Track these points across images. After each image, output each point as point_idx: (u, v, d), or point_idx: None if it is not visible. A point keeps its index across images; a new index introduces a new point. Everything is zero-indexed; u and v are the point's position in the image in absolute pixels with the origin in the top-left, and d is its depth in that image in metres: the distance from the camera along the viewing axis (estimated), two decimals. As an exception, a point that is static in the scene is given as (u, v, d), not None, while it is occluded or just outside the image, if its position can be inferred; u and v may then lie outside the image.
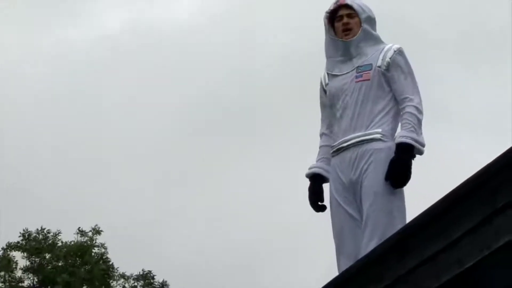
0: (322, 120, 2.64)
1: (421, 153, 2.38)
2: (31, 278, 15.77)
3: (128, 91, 23.59)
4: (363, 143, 2.39)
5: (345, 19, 2.49)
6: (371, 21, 2.55)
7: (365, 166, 2.35)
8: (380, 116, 2.42)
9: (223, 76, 24.68)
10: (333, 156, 2.49)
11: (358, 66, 2.47)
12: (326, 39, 2.57)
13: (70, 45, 24.03)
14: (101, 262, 16.24)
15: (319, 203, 2.52)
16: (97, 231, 16.39)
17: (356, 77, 2.46)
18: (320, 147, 2.62)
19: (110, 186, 20.80)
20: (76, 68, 23.05)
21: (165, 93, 24.15)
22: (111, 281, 16.39)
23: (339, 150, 2.45)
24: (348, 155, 2.41)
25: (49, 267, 15.86)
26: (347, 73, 2.49)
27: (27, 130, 21.30)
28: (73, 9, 26.15)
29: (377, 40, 2.54)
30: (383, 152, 2.36)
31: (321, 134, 2.64)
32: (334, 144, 2.49)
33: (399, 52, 2.48)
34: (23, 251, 15.77)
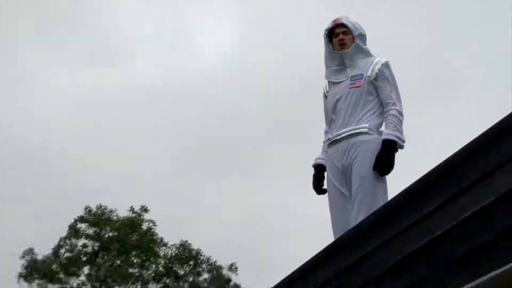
0: (325, 120, 3.11)
1: (402, 147, 2.79)
2: (92, 244, 19.57)
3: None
4: (353, 136, 2.79)
5: (341, 36, 2.91)
6: (362, 37, 2.97)
7: (354, 155, 2.75)
8: (368, 115, 2.83)
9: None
10: (329, 147, 2.93)
11: (352, 76, 2.89)
12: (325, 51, 3.01)
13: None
14: (148, 234, 20.01)
15: (321, 187, 2.98)
16: (144, 209, 20.02)
17: (350, 84, 2.88)
18: (323, 142, 3.08)
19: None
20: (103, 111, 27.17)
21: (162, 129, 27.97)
22: (155, 248, 20.04)
23: (333, 142, 2.88)
24: (341, 145, 2.83)
25: (106, 236, 19.60)
26: (342, 81, 2.94)
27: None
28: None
29: (367, 53, 2.97)
30: (370, 143, 2.76)
31: (325, 132, 3.09)
32: (330, 137, 2.92)
33: (386, 65, 2.90)
34: (87, 223, 19.70)
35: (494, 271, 1.92)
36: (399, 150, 2.78)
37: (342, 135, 2.83)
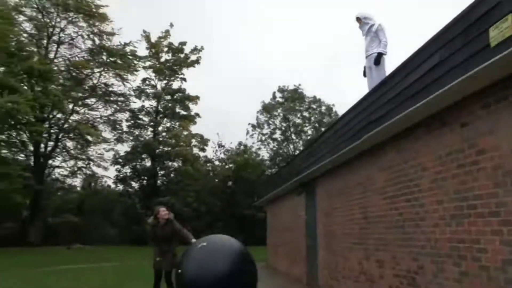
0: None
1: (385, 54, 7.35)
2: None
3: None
4: (370, 54, 7.47)
5: (358, 21, 7.66)
6: (367, 18, 7.51)
7: (371, 60, 7.42)
8: (374, 46, 7.40)
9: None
10: (366, 58, 7.63)
11: (367, 31, 7.51)
12: (361, 27, 7.66)
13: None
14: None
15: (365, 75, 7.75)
16: None
17: (366, 35, 7.58)
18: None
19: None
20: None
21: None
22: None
23: (367, 56, 7.57)
24: (368, 58, 7.52)
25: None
26: (365, 36, 7.61)
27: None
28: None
29: (372, 21, 7.48)
30: (375, 56, 7.36)
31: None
32: (365, 55, 7.64)
33: (380, 25, 7.38)
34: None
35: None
36: (384, 55, 7.38)
37: (367, 54, 7.51)
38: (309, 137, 37.67)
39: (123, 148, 34.79)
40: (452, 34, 3.71)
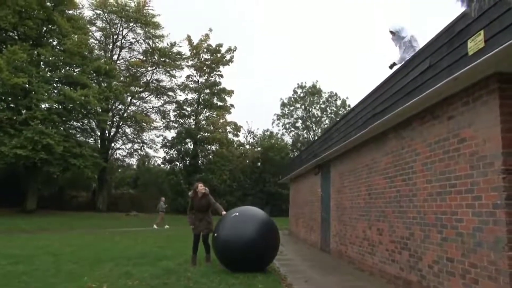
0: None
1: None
2: None
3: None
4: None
5: (391, 35, 6.70)
6: (399, 31, 6.60)
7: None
8: (408, 51, 6.47)
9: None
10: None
11: (400, 43, 6.59)
12: (394, 39, 6.71)
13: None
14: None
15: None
16: None
17: (400, 47, 6.61)
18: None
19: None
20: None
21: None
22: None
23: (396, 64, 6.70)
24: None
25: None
26: (398, 46, 6.66)
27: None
28: None
29: (403, 33, 6.59)
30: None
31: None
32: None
33: (412, 36, 6.52)
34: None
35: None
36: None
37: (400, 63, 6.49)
38: (326, 126, 37.99)
39: (170, 134, 36.33)
40: (439, 44, 3.87)
